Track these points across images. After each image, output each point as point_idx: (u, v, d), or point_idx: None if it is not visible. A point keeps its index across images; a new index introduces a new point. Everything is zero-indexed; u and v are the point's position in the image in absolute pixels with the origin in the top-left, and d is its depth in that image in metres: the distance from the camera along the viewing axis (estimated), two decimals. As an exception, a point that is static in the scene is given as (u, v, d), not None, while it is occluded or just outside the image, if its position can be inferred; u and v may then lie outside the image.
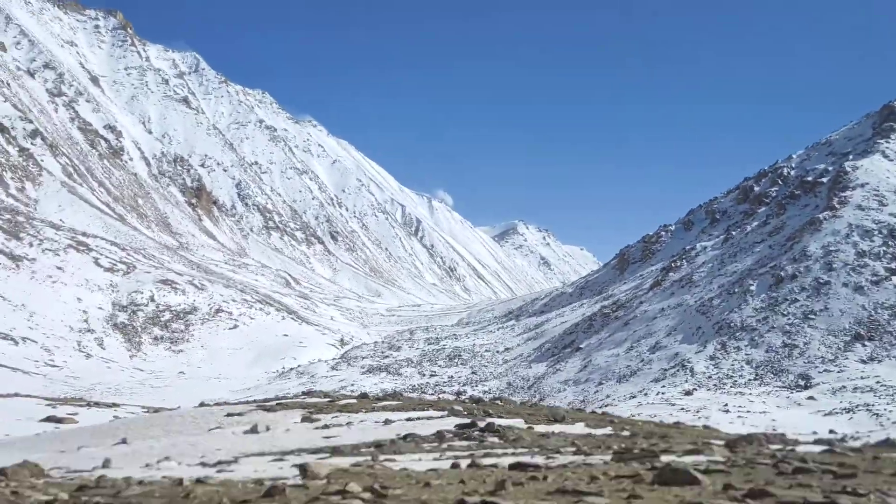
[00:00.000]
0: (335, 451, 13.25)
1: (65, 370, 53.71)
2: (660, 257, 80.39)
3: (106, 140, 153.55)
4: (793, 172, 77.73)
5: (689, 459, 8.85)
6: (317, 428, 17.61)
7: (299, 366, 67.17)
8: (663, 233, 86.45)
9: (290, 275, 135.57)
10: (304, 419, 19.51)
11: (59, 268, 72.24)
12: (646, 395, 46.49)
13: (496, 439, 13.94)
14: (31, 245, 73.91)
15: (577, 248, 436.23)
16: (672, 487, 6.47)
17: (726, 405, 41.30)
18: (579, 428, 17.48)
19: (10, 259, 69.28)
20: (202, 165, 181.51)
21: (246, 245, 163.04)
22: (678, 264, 69.12)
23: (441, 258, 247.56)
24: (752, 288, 55.50)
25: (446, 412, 19.57)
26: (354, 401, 23.67)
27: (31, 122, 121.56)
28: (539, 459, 9.61)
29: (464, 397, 53.54)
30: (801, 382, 45.44)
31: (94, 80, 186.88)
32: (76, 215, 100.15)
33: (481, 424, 15.58)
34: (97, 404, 30.53)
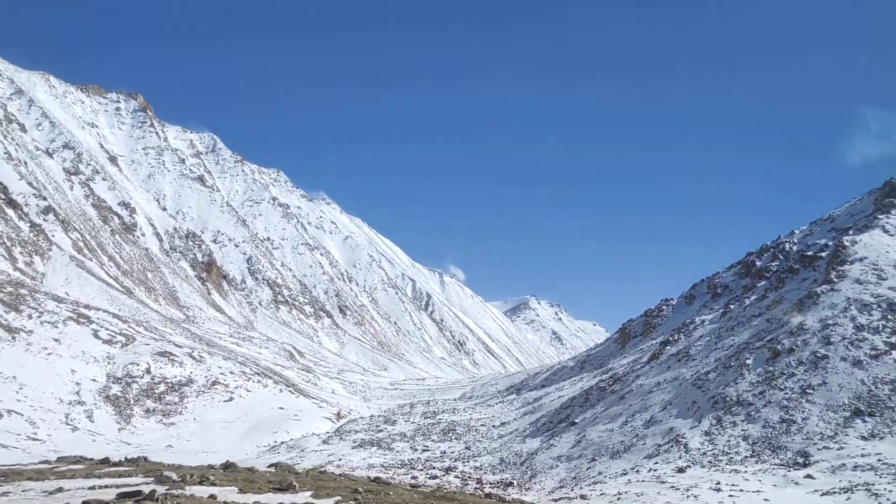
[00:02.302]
0: None
1: (47, 444, 53.02)
2: (660, 331, 79.32)
3: (119, 216, 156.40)
4: (794, 247, 77.17)
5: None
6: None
7: (291, 439, 66.02)
8: (665, 307, 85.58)
9: (295, 348, 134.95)
10: None
11: (56, 340, 72.36)
12: (637, 472, 45.00)
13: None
14: (29, 317, 74.33)
15: (589, 323, 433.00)
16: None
17: (718, 483, 39.84)
18: (301, 497, 16.94)
19: (7, 331, 69.52)
20: (214, 241, 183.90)
21: (254, 318, 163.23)
22: (676, 338, 68.09)
23: (451, 332, 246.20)
24: (749, 362, 54.35)
25: (152, 479, 19.27)
26: (82, 466, 23.14)
27: (44, 199, 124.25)
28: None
29: (453, 473, 52.27)
30: (800, 460, 43.82)
31: (113, 159, 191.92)
32: (82, 288, 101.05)
33: (146, 491, 15.36)
34: None
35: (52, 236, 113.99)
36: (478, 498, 21.98)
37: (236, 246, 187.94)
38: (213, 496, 15.60)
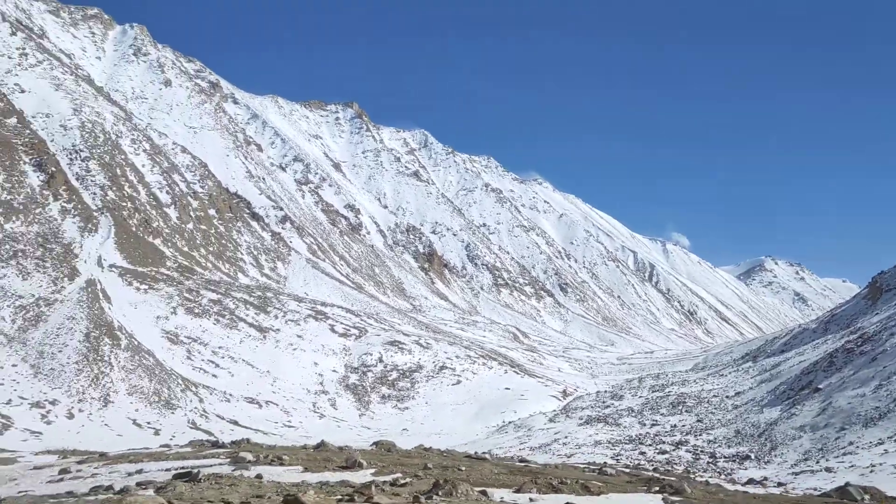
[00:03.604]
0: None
1: (300, 430, 58.53)
2: (919, 281, 69.84)
3: (346, 218, 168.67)
4: None
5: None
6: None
7: (518, 419, 67.02)
8: (922, 253, 75.14)
9: (518, 329, 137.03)
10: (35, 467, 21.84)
11: (300, 336, 79.73)
12: (897, 441, 39.98)
13: (152, 492, 13.83)
14: (276, 317, 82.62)
15: (838, 280, 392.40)
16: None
17: None
18: (361, 475, 16.60)
19: (259, 331, 77.87)
20: (433, 232, 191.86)
21: (477, 303, 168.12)
22: (938, 287, 59.49)
23: (679, 302, 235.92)
24: None
25: (228, 460, 19.45)
26: (189, 448, 24.14)
27: (281, 209, 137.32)
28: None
29: (684, 448, 50.01)
30: None
31: (336, 166, 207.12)
32: (318, 287, 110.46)
33: (194, 472, 15.54)
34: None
35: (290, 242, 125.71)
36: (578, 471, 21.18)
37: (454, 235, 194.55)
38: (259, 475, 16.31)
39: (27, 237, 78.97)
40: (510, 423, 66.38)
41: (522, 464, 23.76)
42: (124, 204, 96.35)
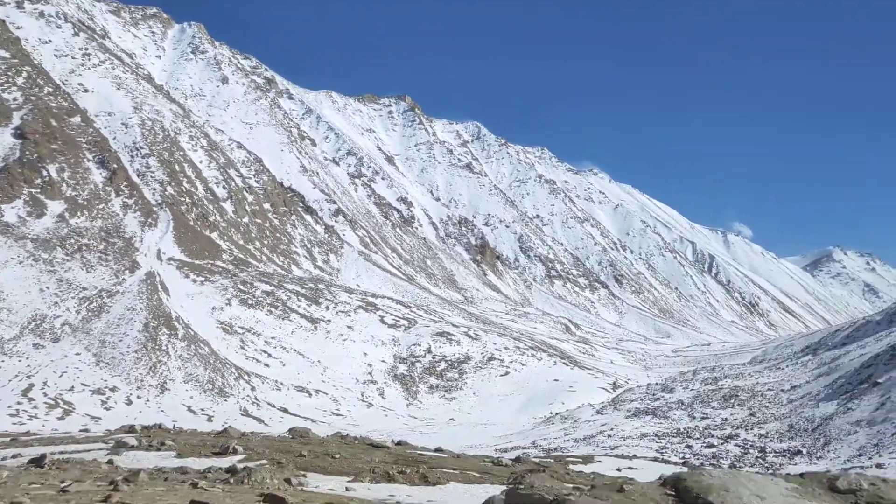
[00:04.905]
0: None
1: (347, 418, 59.41)
2: None
3: (398, 211, 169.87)
4: None
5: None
6: None
7: (566, 410, 66.59)
8: None
9: (570, 321, 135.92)
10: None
11: (350, 327, 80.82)
12: (959, 437, 38.43)
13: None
14: (327, 308, 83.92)
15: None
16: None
17: None
18: (227, 461, 16.89)
19: (310, 322, 79.24)
20: (485, 224, 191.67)
21: (529, 295, 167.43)
22: None
23: (739, 294, 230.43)
24: None
25: (111, 445, 19.99)
26: (91, 434, 25.33)
27: (335, 202, 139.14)
28: None
29: (733, 442, 48.96)
30: None
31: (389, 159, 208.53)
32: (370, 279, 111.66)
33: (46, 457, 15.73)
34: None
35: (343, 235, 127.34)
36: (475, 463, 21.31)
37: (507, 226, 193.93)
38: (110, 461, 16.77)
39: (91, 232, 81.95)
40: (557, 414, 66.01)
41: (426, 454, 23.93)
42: (182, 199, 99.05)
